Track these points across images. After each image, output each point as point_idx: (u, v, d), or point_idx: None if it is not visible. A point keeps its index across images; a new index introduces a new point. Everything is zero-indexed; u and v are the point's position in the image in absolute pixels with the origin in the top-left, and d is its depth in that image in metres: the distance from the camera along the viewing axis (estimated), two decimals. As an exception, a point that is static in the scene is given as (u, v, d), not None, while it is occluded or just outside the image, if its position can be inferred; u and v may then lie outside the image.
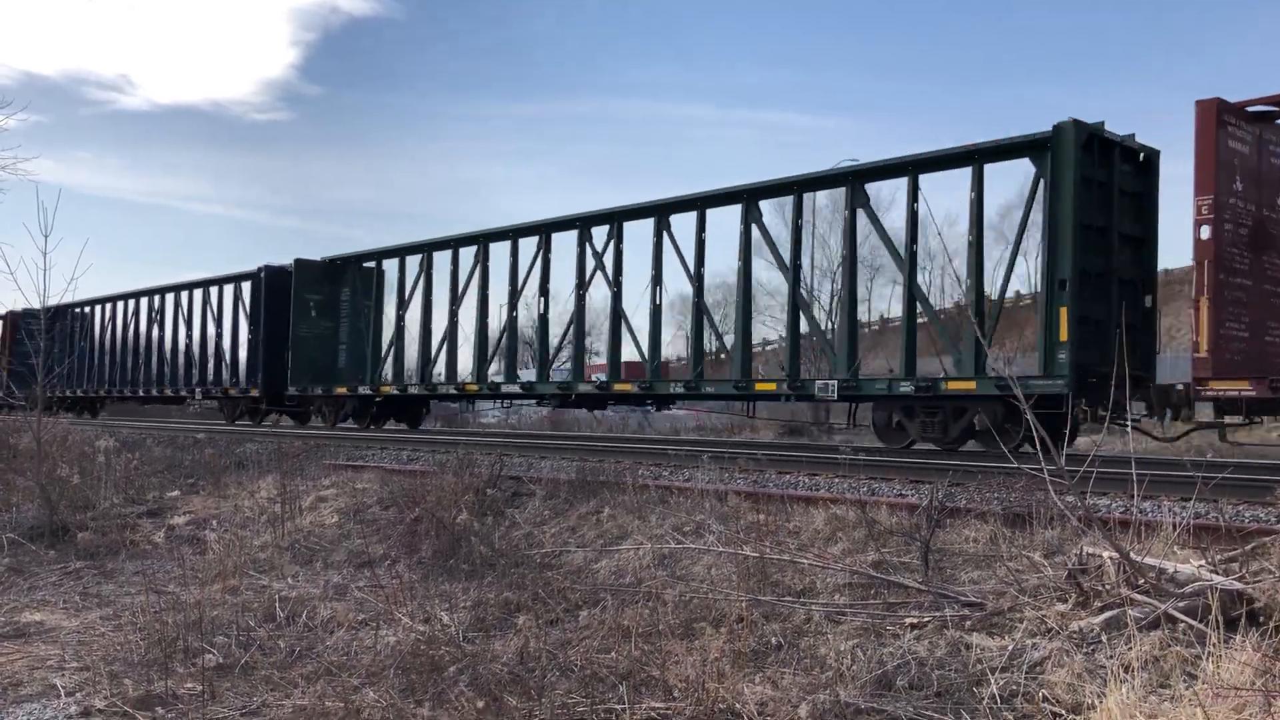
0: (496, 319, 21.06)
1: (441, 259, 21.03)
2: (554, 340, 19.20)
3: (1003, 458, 6.81)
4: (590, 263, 17.70)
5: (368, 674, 5.43)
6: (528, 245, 19.15)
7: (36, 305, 30.72)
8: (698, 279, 16.42)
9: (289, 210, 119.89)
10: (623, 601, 6.27)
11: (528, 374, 20.89)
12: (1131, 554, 5.03)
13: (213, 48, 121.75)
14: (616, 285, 17.45)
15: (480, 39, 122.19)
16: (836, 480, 8.84)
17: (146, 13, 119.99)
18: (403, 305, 21.93)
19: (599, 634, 5.74)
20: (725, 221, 16.36)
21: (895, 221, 16.55)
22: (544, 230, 18.90)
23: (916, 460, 11.08)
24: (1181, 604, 4.64)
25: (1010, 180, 26.35)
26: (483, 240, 19.99)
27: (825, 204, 42.18)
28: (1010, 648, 4.80)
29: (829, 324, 25.39)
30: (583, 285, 17.96)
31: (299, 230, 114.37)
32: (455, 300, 20.62)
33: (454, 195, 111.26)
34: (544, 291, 18.91)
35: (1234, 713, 3.71)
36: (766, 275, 29.66)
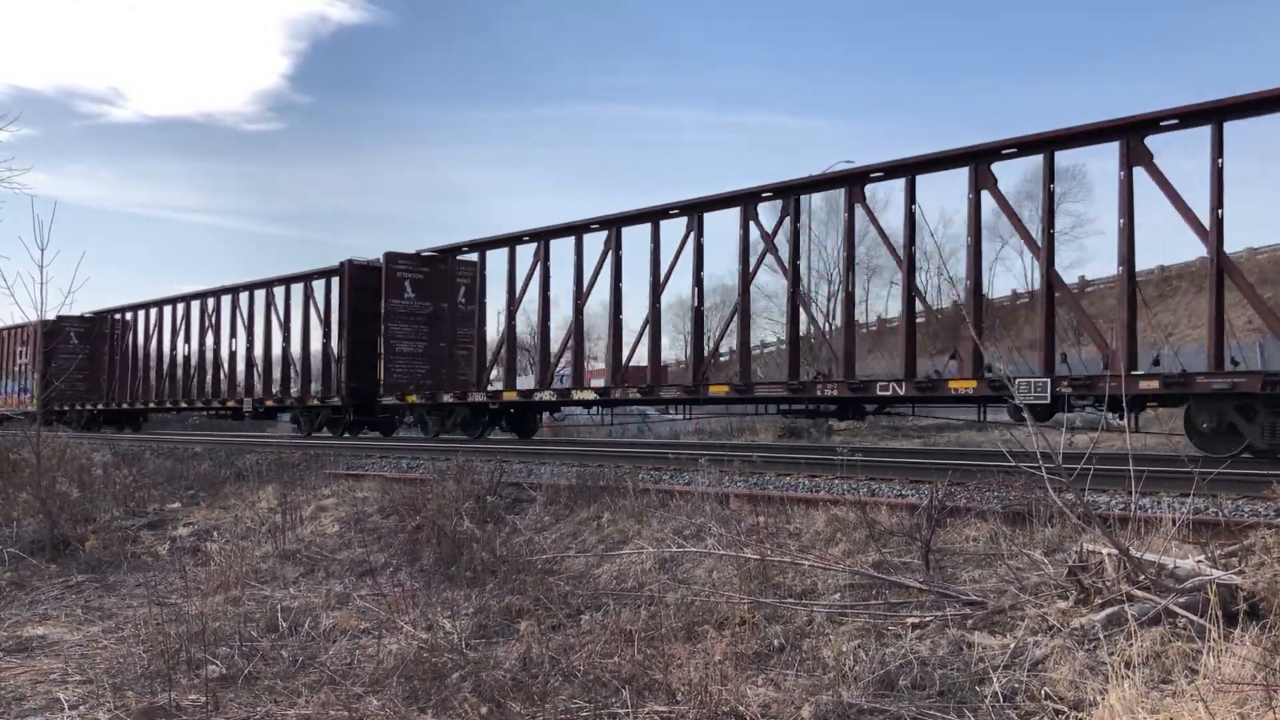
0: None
1: (562, 248, 18.29)
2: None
3: (1001, 456, 6.82)
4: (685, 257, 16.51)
5: (371, 682, 5.43)
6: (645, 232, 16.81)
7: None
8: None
9: (282, 219, 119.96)
10: (624, 606, 6.28)
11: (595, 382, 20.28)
12: (1131, 550, 5.05)
13: (203, 59, 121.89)
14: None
15: (469, 45, 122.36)
16: (836, 481, 8.85)
17: (136, 25, 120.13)
18: (513, 301, 19.48)
19: (601, 639, 5.75)
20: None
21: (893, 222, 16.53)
22: (692, 210, 16.29)
23: (916, 460, 11.10)
24: (1182, 599, 4.65)
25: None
26: (615, 225, 17.41)
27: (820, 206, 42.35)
28: (1012, 646, 4.81)
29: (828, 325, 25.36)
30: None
31: (293, 239, 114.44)
32: (580, 294, 18.03)
33: (447, 201, 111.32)
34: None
35: (1235, 707, 3.72)
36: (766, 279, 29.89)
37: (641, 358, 17.83)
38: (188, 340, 28.52)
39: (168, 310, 29.80)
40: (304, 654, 6.13)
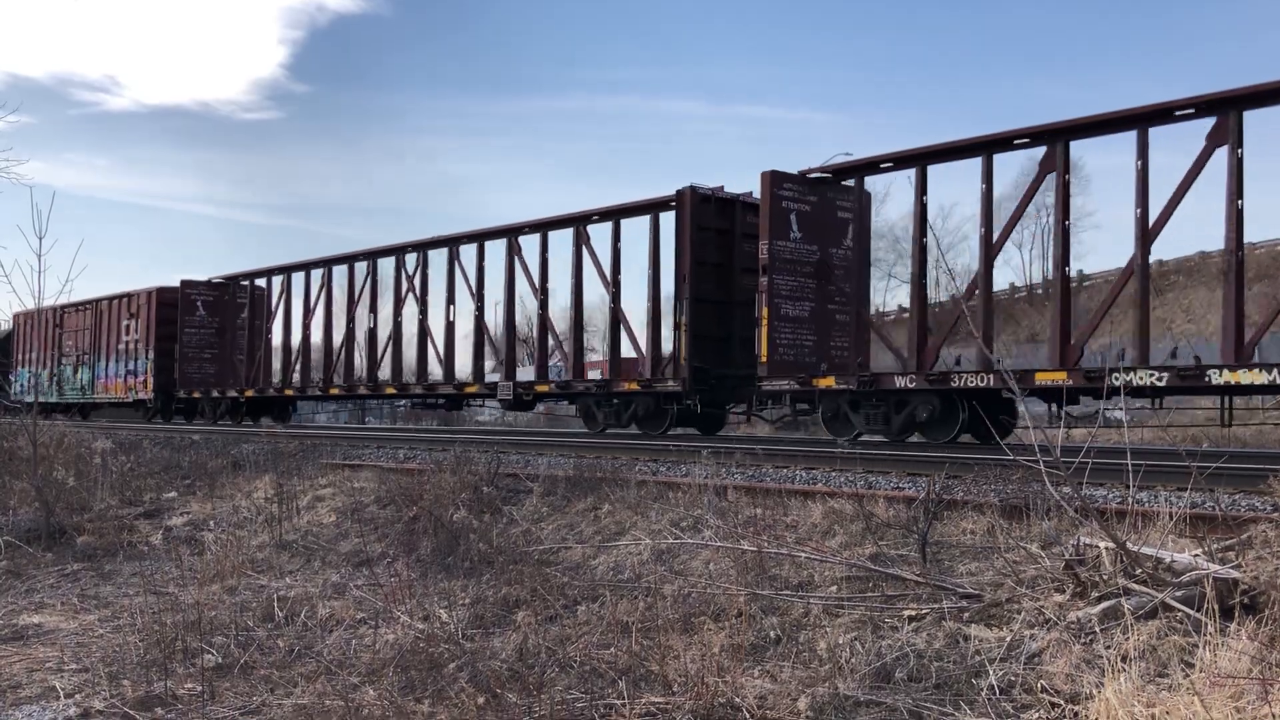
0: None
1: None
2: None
3: (998, 449, 6.82)
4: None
5: (367, 672, 5.43)
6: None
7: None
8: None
9: (279, 209, 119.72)
10: (621, 597, 6.28)
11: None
12: (1128, 544, 5.05)
13: (200, 47, 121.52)
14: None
15: (465, 36, 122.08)
16: (834, 474, 8.86)
17: (133, 14, 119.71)
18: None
19: (598, 630, 5.75)
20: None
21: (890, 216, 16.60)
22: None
23: (913, 453, 11.10)
24: (1178, 593, 4.65)
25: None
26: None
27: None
28: (1008, 639, 4.81)
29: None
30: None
31: (289, 229, 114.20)
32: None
33: (443, 192, 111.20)
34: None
35: (1231, 701, 3.73)
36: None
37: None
38: (372, 310, 22.89)
39: (319, 274, 24.19)
40: (300, 644, 6.13)
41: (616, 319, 17.49)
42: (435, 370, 21.47)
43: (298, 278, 25.29)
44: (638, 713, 4.48)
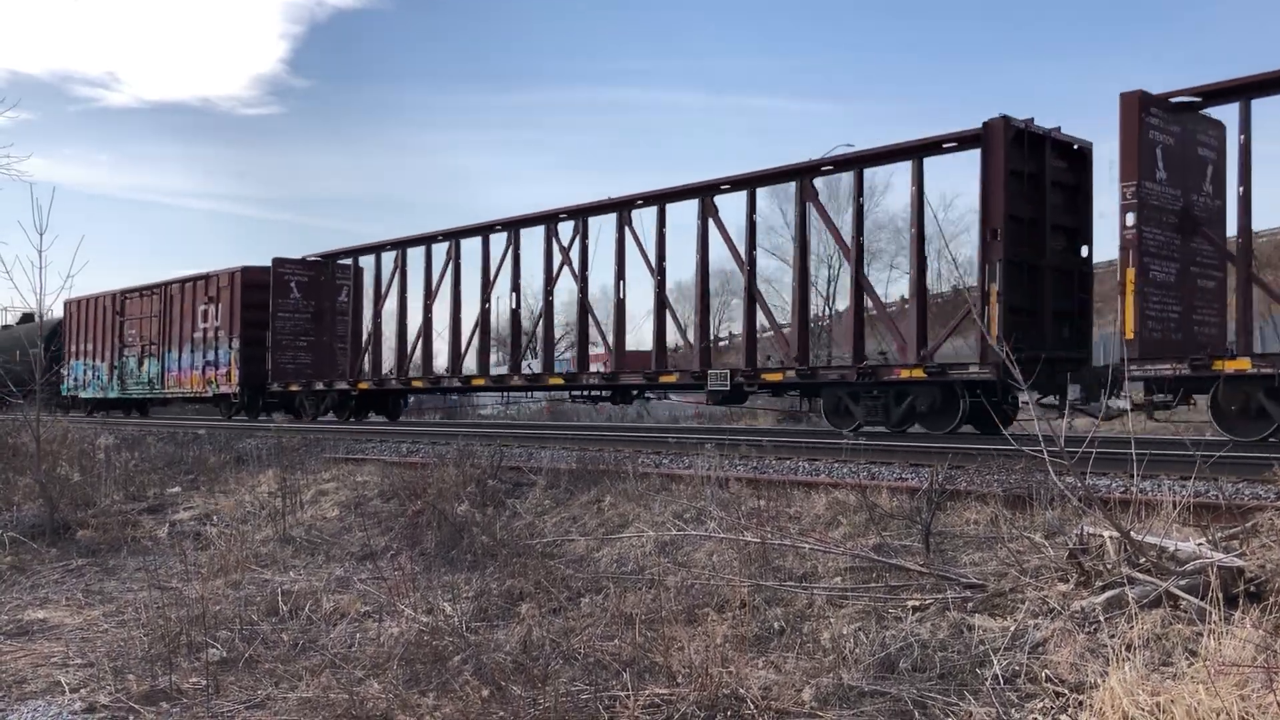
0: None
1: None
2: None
3: (1002, 439, 6.81)
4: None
5: (372, 665, 5.44)
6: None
7: (292, 255, 23.63)
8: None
9: (280, 204, 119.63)
10: (625, 589, 6.28)
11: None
12: (1132, 533, 5.04)
13: (200, 43, 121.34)
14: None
15: (465, 29, 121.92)
16: (837, 465, 8.85)
17: (132, 10, 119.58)
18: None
19: (602, 622, 5.75)
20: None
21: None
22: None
23: (916, 444, 11.09)
24: (1182, 582, 4.65)
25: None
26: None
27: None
28: (1012, 628, 4.81)
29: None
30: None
31: (291, 224, 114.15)
32: None
33: (446, 186, 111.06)
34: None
35: (1236, 689, 3.72)
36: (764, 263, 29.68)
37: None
38: (515, 288, 19.76)
39: (444, 248, 20.66)
40: (305, 637, 6.14)
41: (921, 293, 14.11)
42: (602, 355, 19.35)
43: (415, 253, 21.55)
44: (642, 704, 4.49)
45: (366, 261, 23.33)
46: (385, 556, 8.17)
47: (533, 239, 19.57)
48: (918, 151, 13.81)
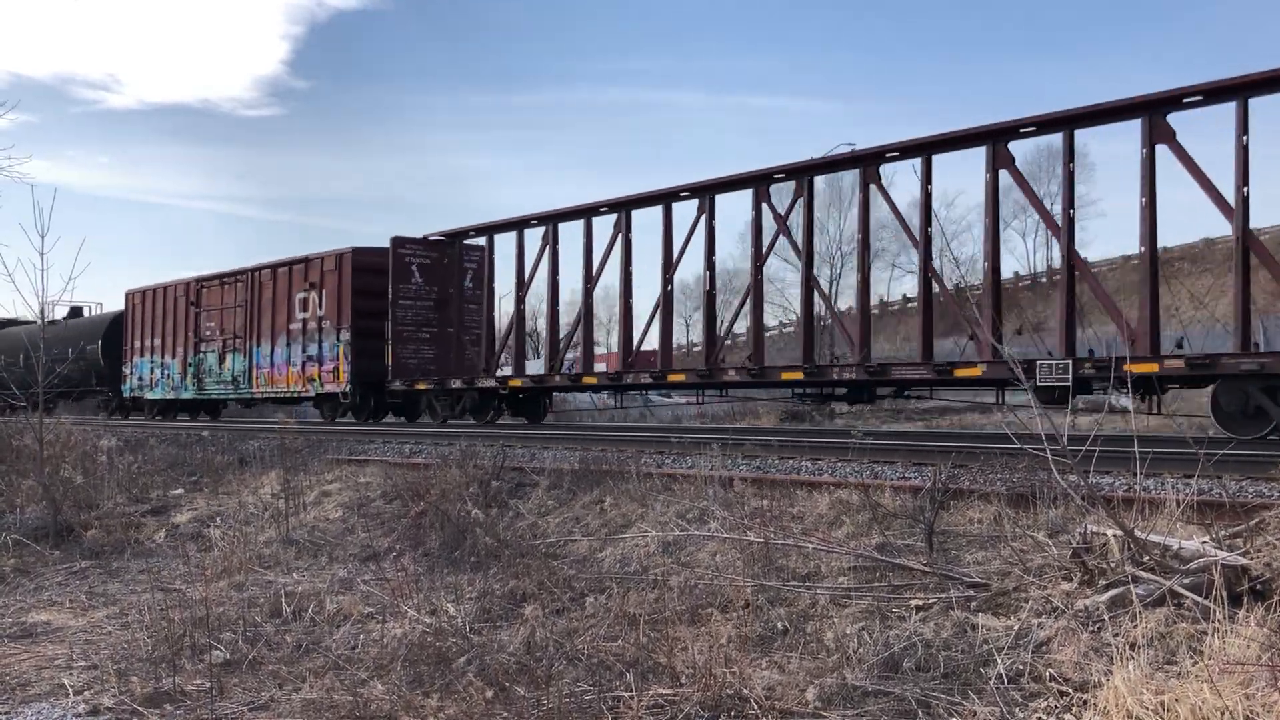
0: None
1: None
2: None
3: (1005, 438, 6.81)
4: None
5: (375, 667, 5.44)
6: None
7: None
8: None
9: (281, 205, 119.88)
10: (628, 589, 6.28)
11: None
12: (1135, 531, 5.04)
13: (201, 44, 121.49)
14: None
15: (465, 29, 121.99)
16: (840, 464, 8.84)
17: (134, 12, 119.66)
18: None
19: (605, 622, 5.75)
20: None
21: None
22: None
23: (919, 442, 11.08)
24: (1186, 580, 4.64)
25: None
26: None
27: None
28: (1016, 627, 4.80)
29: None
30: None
31: (292, 225, 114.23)
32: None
33: (445, 186, 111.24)
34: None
35: (1240, 687, 3.72)
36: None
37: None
38: (709, 266, 16.40)
39: (612, 219, 17.34)
40: (308, 639, 6.14)
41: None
42: (836, 348, 16.22)
43: (571, 228, 18.22)
44: (646, 705, 4.48)
45: (502, 240, 20.06)
46: (388, 558, 8.17)
47: (732, 203, 17.18)
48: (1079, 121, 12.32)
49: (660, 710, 4.46)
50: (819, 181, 16.09)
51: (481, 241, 20.59)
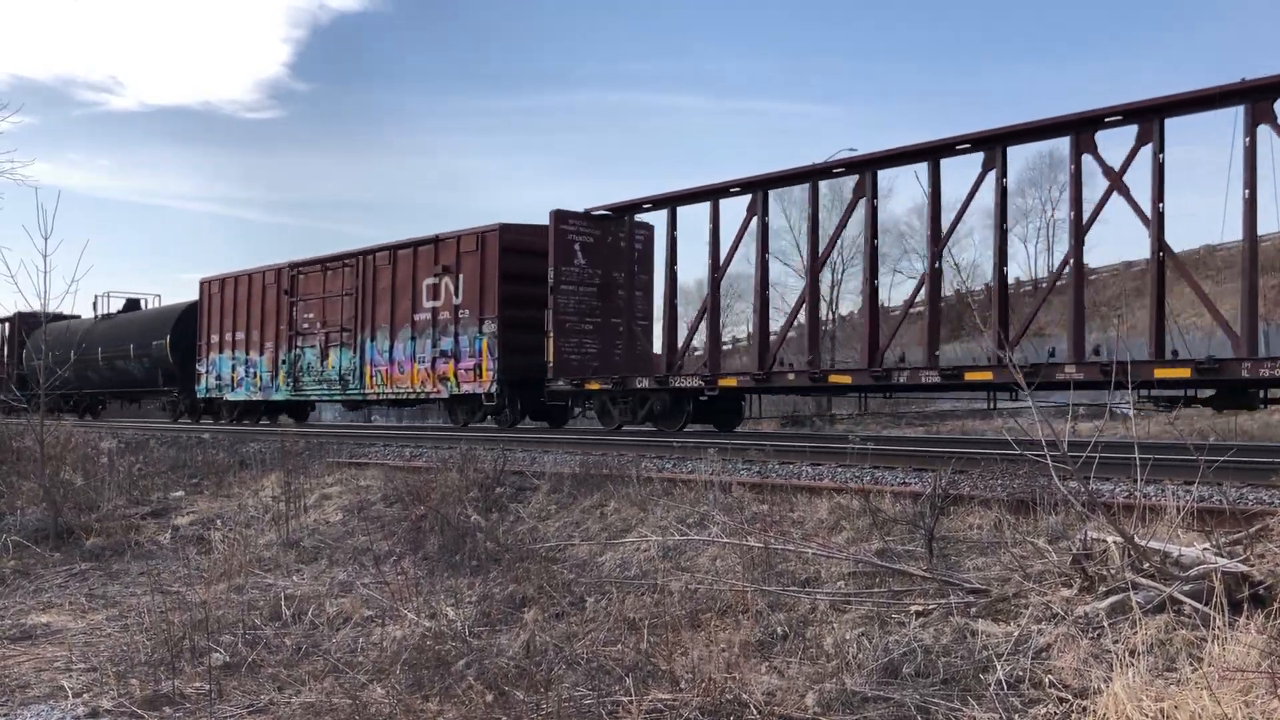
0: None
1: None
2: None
3: (1005, 444, 6.81)
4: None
5: (375, 670, 5.44)
6: None
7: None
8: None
9: (282, 207, 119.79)
10: (628, 594, 6.28)
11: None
12: (1135, 538, 5.03)
13: (202, 47, 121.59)
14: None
15: (465, 33, 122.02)
16: (840, 469, 8.84)
17: (135, 14, 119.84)
18: None
19: (605, 626, 5.75)
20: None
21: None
22: None
23: (920, 448, 11.08)
24: (1186, 587, 4.64)
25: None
26: None
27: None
28: (1016, 633, 4.80)
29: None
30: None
31: (293, 227, 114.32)
32: None
33: (447, 189, 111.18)
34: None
35: (1240, 694, 3.72)
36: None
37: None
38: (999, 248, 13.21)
39: (847, 184, 15.24)
40: (308, 642, 6.14)
41: None
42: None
43: (778, 197, 16.02)
44: (645, 709, 4.48)
45: (685, 214, 16.94)
46: (388, 561, 8.17)
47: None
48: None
49: (660, 715, 4.46)
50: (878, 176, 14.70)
51: (648, 218, 17.93)
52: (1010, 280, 14.94)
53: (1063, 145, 12.81)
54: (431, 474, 9.95)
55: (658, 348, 18.40)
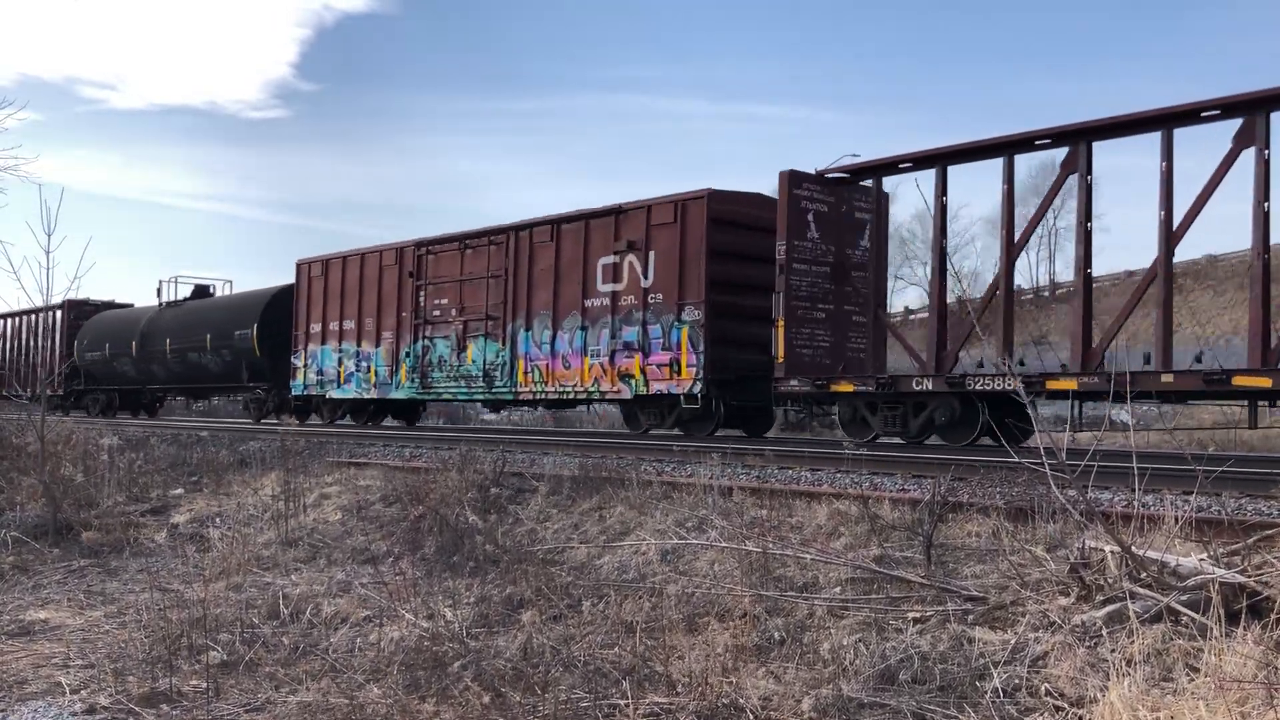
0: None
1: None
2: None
3: (1004, 452, 6.81)
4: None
5: (372, 670, 5.45)
6: None
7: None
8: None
9: (286, 207, 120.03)
10: (626, 597, 6.29)
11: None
12: (1133, 547, 5.04)
13: (208, 46, 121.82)
14: None
15: (470, 35, 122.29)
16: (839, 474, 8.85)
17: (141, 13, 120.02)
18: None
19: (602, 629, 5.76)
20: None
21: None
22: None
23: (919, 455, 11.07)
24: (1183, 597, 4.64)
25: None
26: None
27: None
28: (1013, 641, 4.81)
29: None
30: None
31: (296, 227, 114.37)
32: None
33: (448, 190, 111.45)
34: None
35: (1236, 705, 3.72)
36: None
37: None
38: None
39: (1226, 128, 11.08)
40: (305, 641, 6.15)
41: None
42: None
43: (1106, 149, 13.18)
44: (642, 713, 4.49)
45: (957, 174, 13.91)
46: (386, 561, 8.17)
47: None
48: None
49: (656, 718, 4.47)
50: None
51: (941, 171, 13.62)
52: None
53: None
54: (431, 474, 9.95)
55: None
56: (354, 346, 20.79)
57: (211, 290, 27.50)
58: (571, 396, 17.02)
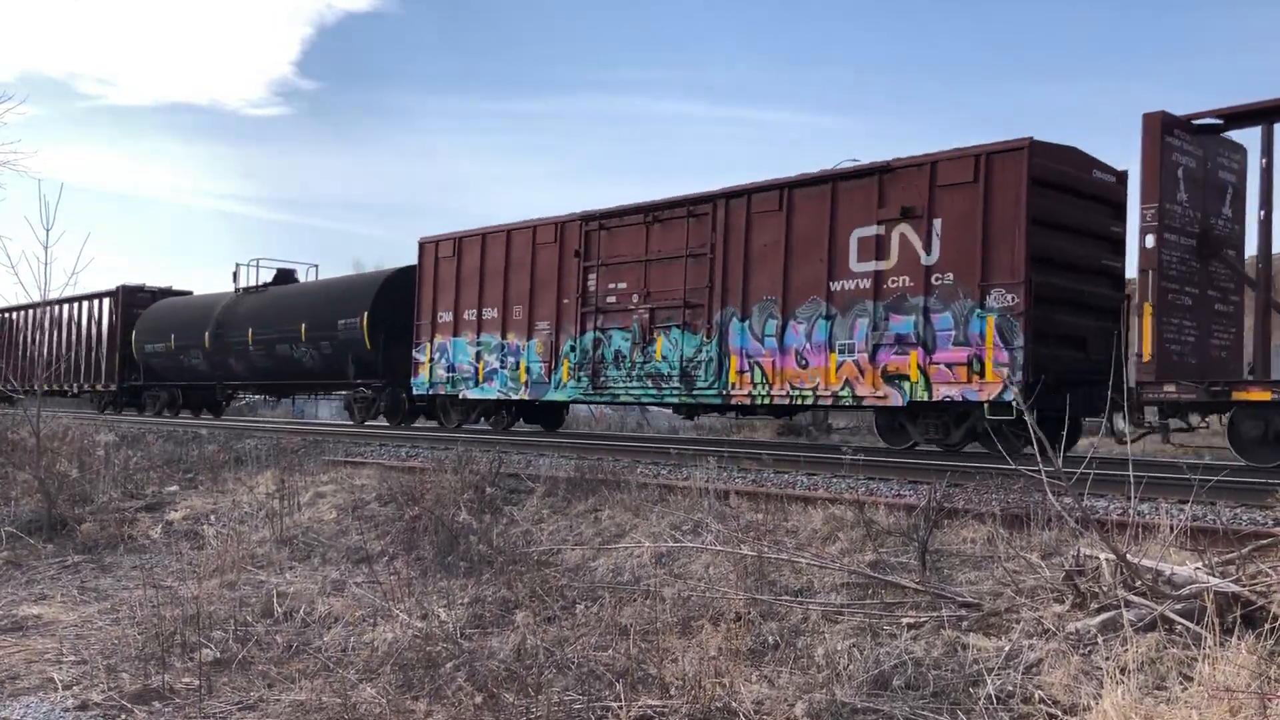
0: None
1: None
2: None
3: (1001, 459, 6.82)
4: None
5: (365, 670, 5.44)
6: None
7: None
8: None
9: (285, 205, 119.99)
10: (620, 599, 6.28)
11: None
12: (1128, 556, 5.04)
13: (210, 43, 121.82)
14: None
15: (470, 35, 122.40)
16: (835, 480, 8.85)
17: (142, 10, 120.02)
18: None
19: (596, 631, 5.75)
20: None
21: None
22: None
23: (915, 460, 11.07)
24: (1178, 606, 4.65)
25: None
26: None
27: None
28: (1007, 648, 4.80)
29: None
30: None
31: (296, 225, 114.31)
32: None
33: (448, 190, 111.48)
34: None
35: (1229, 715, 3.72)
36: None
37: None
38: None
39: None
40: (299, 640, 6.14)
41: None
42: None
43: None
44: (634, 715, 4.49)
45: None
46: (381, 561, 8.17)
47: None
48: None
49: (649, 721, 4.46)
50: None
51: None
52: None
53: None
54: (426, 475, 9.94)
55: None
56: (497, 339, 17.66)
57: (297, 275, 24.26)
58: (812, 400, 13.75)
